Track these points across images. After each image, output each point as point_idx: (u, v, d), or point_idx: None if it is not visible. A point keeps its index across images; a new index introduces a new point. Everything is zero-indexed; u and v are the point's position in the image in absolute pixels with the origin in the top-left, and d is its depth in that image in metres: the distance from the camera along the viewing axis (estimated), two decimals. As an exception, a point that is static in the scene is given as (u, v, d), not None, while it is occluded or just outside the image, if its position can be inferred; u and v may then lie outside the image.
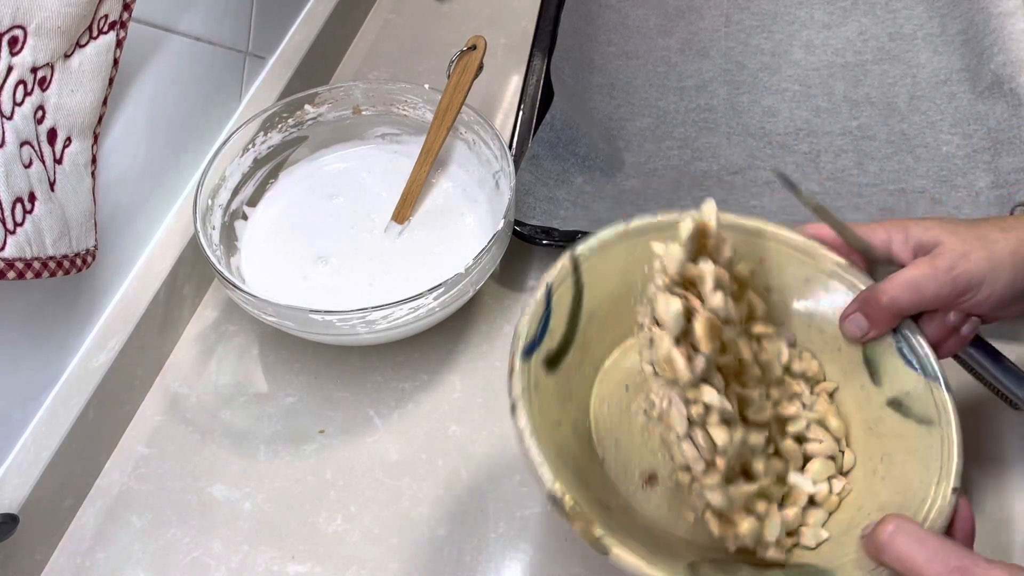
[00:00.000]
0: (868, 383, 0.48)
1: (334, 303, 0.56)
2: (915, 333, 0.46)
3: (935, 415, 0.44)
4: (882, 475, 0.45)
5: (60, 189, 0.50)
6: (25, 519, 0.52)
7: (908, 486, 0.43)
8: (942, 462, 0.43)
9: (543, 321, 0.46)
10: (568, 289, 0.48)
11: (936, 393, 0.45)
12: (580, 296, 0.48)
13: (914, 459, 0.44)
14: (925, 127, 0.73)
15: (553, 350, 0.46)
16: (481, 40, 0.67)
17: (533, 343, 0.45)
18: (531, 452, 0.40)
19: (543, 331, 0.46)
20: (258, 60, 0.75)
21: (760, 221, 0.50)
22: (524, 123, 0.73)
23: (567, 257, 0.48)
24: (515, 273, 0.69)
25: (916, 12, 0.83)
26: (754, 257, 0.50)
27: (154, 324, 0.62)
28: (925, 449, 0.44)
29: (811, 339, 0.50)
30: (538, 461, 0.40)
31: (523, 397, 0.42)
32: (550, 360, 0.46)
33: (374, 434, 0.60)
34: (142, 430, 0.61)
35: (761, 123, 0.76)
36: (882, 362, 0.47)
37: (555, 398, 0.45)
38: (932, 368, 0.45)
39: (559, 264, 0.48)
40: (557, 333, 0.47)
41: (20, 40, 0.45)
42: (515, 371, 0.43)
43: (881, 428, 0.47)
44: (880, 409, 0.47)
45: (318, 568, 0.54)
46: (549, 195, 0.69)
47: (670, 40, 0.84)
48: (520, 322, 0.45)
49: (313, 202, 0.69)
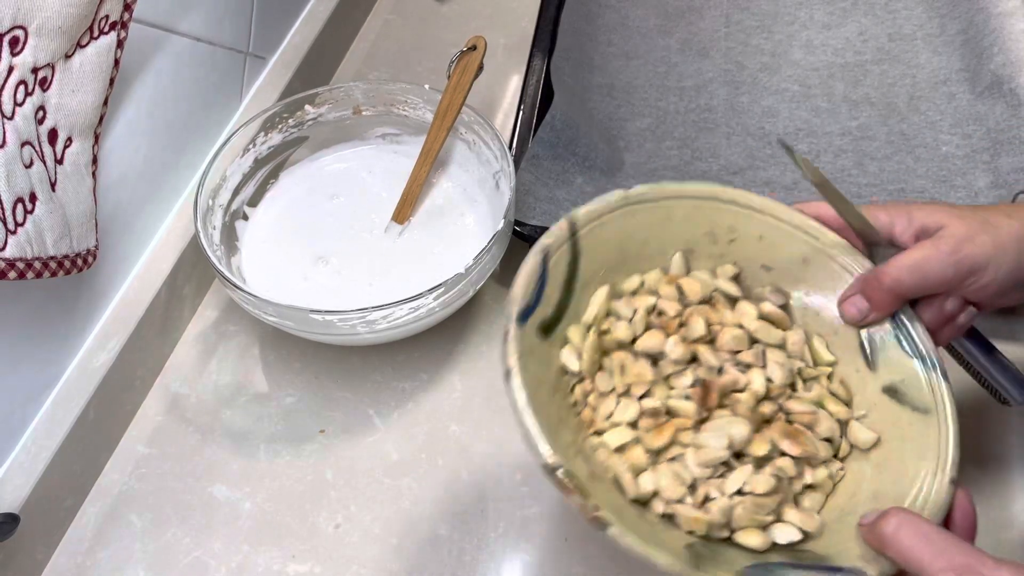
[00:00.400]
0: (864, 368, 0.47)
1: (334, 303, 0.56)
2: (913, 320, 0.46)
3: (931, 404, 0.44)
4: (876, 461, 0.44)
5: (61, 189, 0.50)
6: (26, 519, 0.52)
7: (903, 475, 0.42)
8: (939, 452, 0.42)
9: (539, 286, 0.44)
10: (565, 254, 0.46)
11: (934, 382, 0.44)
12: (576, 263, 0.46)
13: (909, 448, 0.43)
14: (925, 127, 0.73)
15: (548, 317, 0.44)
16: (481, 40, 0.67)
17: (529, 308, 0.43)
18: (526, 422, 0.38)
19: (538, 296, 0.44)
20: (259, 60, 0.75)
21: (759, 198, 0.49)
22: (524, 123, 0.73)
23: (565, 221, 0.46)
24: (515, 273, 0.69)
25: (916, 12, 0.83)
26: (752, 234, 0.49)
27: (154, 324, 0.62)
28: (921, 438, 0.43)
29: (807, 320, 0.49)
30: (534, 431, 0.38)
31: (518, 364, 0.40)
32: (545, 327, 0.44)
33: (374, 434, 0.61)
34: (142, 430, 0.61)
35: (761, 123, 0.76)
36: (879, 348, 0.46)
37: (548, 367, 0.44)
38: (930, 356, 0.44)
39: (556, 228, 0.46)
40: (552, 299, 0.45)
41: (21, 40, 0.45)
42: (510, 336, 0.41)
43: (876, 415, 0.46)
44: (875, 395, 0.46)
45: (318, 568, 0.54)
46: (549, 195, 0.69)
47: (670, 40, 0.84)
48: (515, 285, 0.43)
49: (313, 202, 0.69)
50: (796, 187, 0.70)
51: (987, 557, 0.35)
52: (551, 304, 0.45)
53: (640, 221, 0.48)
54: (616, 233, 0.48)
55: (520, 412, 0.38)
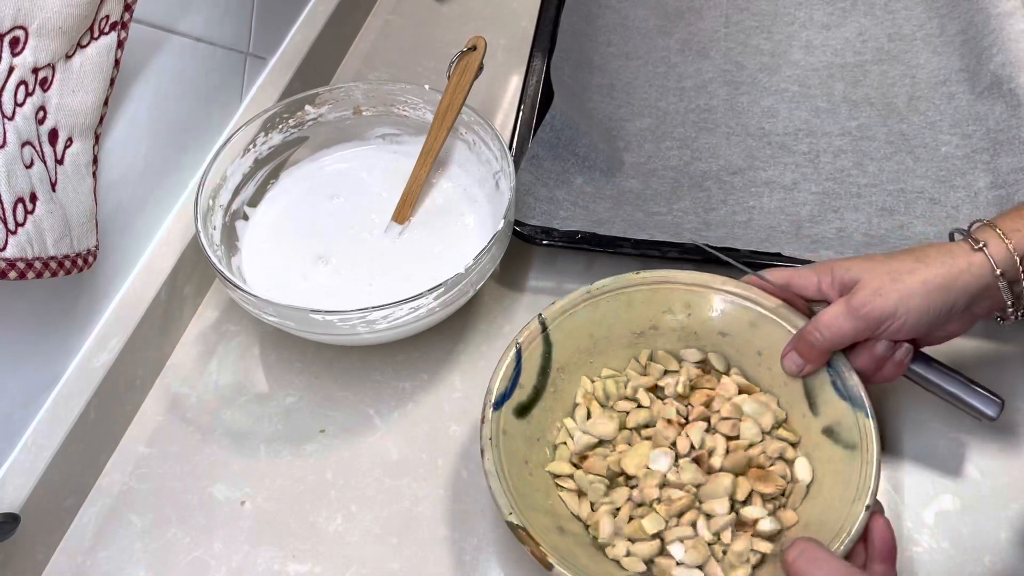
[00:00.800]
0: (808, 413, 0.54)
1: (334, 303, 0.56)
2: (845, 366, 0.52)
3: (858, 440, 0.50)
4: (813, 496, 0.50)
5: (61, 189, 0.50)
6: (26, 519, 0.52)
7: (831, 506, 0.48)
8: (860, 482, 0.48)
9: (514, 377, 0.54)
10: (538, 347, 0.55)
11: (861, 421, 0.50)
12: (550, 352, 0.56)
13: (839, 481, 0.49)
14: (924, 127, 0.73)
15: (524, 401, 0.54)
16: (481, 41, 0.67)
17: (503, 396, 0.53)
18: (493, 488, 0.49)
19: (513, 385, 0.54)
20: (259, 61, 0.76)
21: (709, 275, 0.57)
22: (524, 123, 0.73)
23: (536, 320, 0.56)
24: (515, 273, 0.69)
25: (915, 13, 0.83)
26: (705, 307, 0.57)
27: (155, 324, 0.62)
28: (848, 472, 0.49)
29: (760, 376, 0.56)
30: (498, 495, 0.48)
31: (490, 443, 0.50)
32: (520, 409, 0.54)
33: (374, 434, 0.61)
34: (143, 430, 0.61)
35: (760, 123, 0.76)
36: (819, 394, 0.53)
37: (524, 440, 0.53)
38: (859, 398, 0.51)
39: (529, 326, 0.55)
40: (528, 386, 0.55)
41: (21, 41, 0.45)
42: (486, 420, 0.51)
43: (817, 454, 0.52)
44: (817, 436, 0.53)
45: (318, 568, 0.54)
46: (549, 195, 0.69)
47: (670, 40, 0.84)
48: (493, 377, 0.53)
49: (314, 202, 0.69)
50: (795, 187, 0.70)
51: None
52: (527, 390, 0.54)
53: (605, 310, 0.57)
54: (585, 322, 0.57)
55: (488, 478, 0.49)
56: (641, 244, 0.64)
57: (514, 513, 0.48)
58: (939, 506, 0.55)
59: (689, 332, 0.58)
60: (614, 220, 0.68)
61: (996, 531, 0.54)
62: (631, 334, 0.58)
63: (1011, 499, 0.55)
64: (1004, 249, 0.49)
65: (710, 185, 0.71)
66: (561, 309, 0.56)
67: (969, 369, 0.54)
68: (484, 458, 0.50)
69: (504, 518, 0.48)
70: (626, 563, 0.49)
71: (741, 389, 0.56)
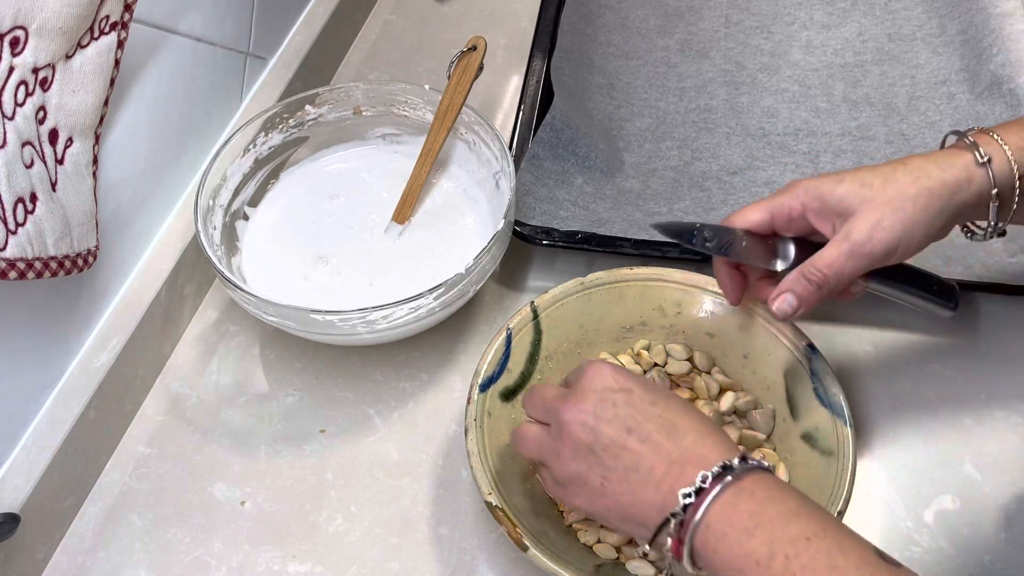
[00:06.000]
0: (788, 418, 0.54)
1: (335, 303, 0.56)
2: (828, 375, 0.52)
3: (835, 447, 0.50)
4: None
5: (61, 189, 0.50)
6: (26, 518, 0.52)
7: None
8: (834, 487, 0.48)
9: (502, 360, 0.55)
10: (528, 334, 0.56)
11: (840, 429, 0.50)
12: (539, 339, 0.57)
13: (813, 485, 0.49)
14: (924, 127, 0.73)
15: (510, 385, 0.55)
16: (481, 41, 0.67)
17: (491, 379, 0.54)
18: (474, 468, 0.50)
19: (501, 369, 0.55)
20: (259, 61, 0.76)
21: (701, 276, 0.57)
22: (524, 123, 0.73)
23: (528, 307, 0.56)
24: (515, 273, 0.69)
25: (915, 13, 0.83)
26: (695, 306, 0.58)
27: (155, 324, 0.62)
28: (823, 477, 0.50)
29: (745, 378, 0.57)
30: (478, 474, 0.49)
31: (475, 424, 0.52)
32: (507, 393, 0.55)
33: (375, 434, 0.61)
34: (143, 430, 0.61)
35: (760, 123, 0.76)
36: (801, 399, 0.53)
37: (508, 423, 0.54)
38: (840, 407, 0.51)
39: (521, 312, 0.56)
40: (515, 371, 0.56)
41: (21, 41, 0.45)
42: (472, 401, 0.53)
43: (794, 459, 0.52)
44: (795, 441, 0.53)
45: (318, 568, 0.54)
46: (549, 195, 0.69)
47: (670, 41, 0.84)
48: (481, 360, 0.54)
49: (314, 202, 0.69)
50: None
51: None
52: (514, 374, 0.56)
53: (597, 302, 0.58)
54: (576, 313, 0.58)
55: (470, 457, 0.50)
56: (641, 244, 0.64)
57: (493, 494, 0.49)
58: (939, 506, 0.55)
59: (677, 331, 0.58)
60: (614, 220, 0.68)
61: (996, 531, 0.54)
62: (620, 328, 0.59)
63: (1011, 499, 0.55)
64: (1006, 163, 0.46)
65: (710, 185, 0.71)
66: (553, 298, 0.57)
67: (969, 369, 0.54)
68: (467, 438, 0.51)
69: (483, 498, 0.49)
70: (598, 549, 0.50)
71: (723, 388, 0.57)
